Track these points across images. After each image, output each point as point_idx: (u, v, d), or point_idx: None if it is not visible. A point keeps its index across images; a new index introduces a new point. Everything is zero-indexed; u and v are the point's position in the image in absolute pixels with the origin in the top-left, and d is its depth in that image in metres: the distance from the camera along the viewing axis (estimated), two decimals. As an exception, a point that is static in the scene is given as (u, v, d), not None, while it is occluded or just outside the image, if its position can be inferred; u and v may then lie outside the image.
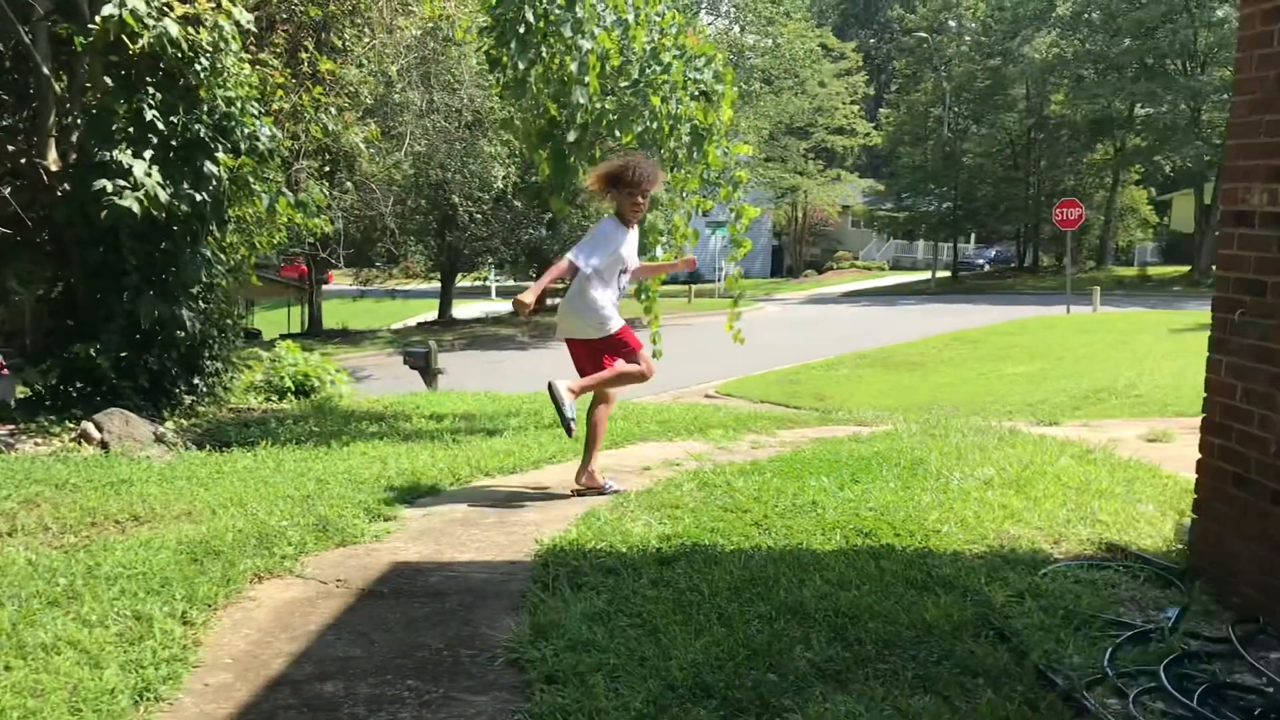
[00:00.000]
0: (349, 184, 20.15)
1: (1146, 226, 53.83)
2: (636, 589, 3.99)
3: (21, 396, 9.54)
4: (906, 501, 5.21)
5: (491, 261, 42.07)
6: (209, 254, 8.96)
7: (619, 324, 5.76)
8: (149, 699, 3.20)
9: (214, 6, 8.58)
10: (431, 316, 41.40)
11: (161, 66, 8.39)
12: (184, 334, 8.74)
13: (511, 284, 50.83)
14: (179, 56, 8.31)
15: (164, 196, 8.14)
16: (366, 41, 14.82)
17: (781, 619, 3.63)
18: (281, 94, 10.65)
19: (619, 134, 7.61)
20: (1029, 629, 3.53)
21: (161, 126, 8.31)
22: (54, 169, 9.05)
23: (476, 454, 6.82)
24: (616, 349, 5.78)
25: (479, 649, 3.61)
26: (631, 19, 7.68)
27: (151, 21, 8.13)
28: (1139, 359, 17.20)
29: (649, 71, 7.66)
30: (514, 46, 7.42)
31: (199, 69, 8.44)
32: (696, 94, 7.94)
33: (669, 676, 3.18)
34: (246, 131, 8.90)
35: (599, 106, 7.57)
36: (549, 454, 6.95)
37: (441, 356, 15.90)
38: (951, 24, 51.21)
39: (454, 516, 5.39)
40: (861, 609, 3.69)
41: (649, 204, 6.06)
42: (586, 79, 7.46)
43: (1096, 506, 5.09)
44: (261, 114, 9.25)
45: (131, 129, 8.26)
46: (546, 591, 4.04)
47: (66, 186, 8.73)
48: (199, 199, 8.48)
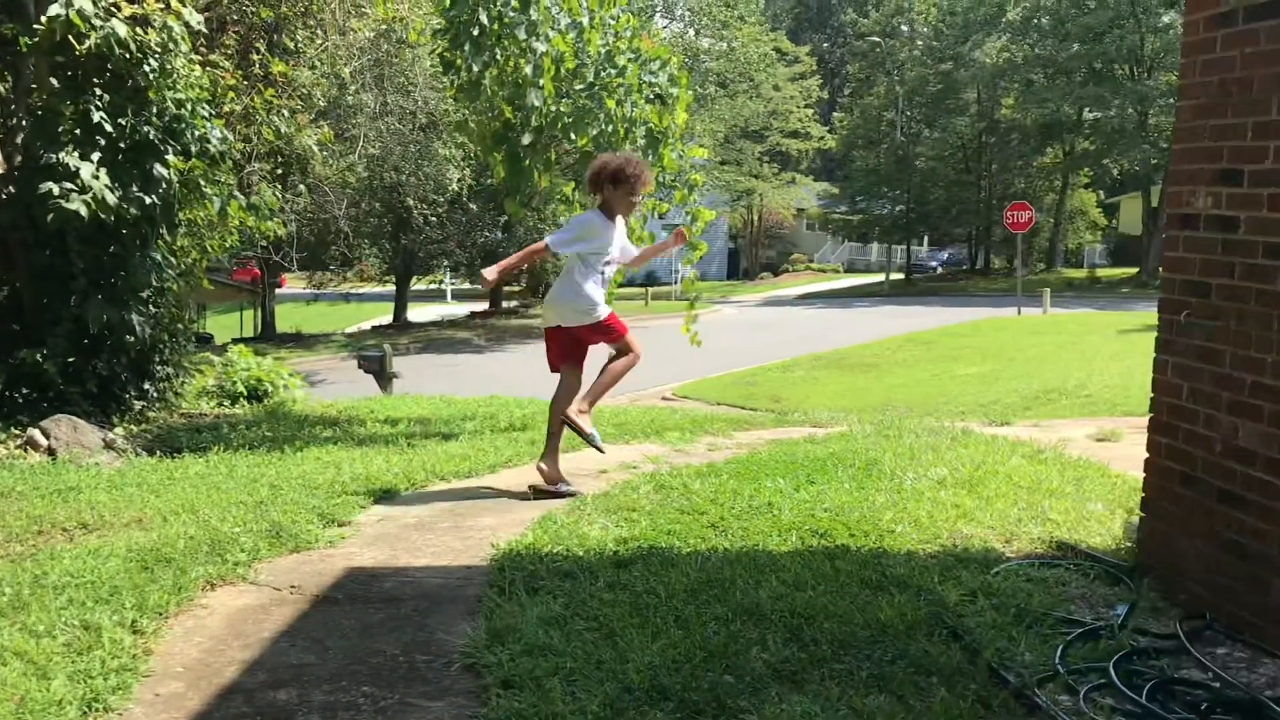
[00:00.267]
0: (302, 187, 19.97)
1: (1095, 229, 54.69)
2: (593, 592, 3.99)
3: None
4: (861, 502, 5.25)
5: (447, 264, 41.89)
6: (159, 257, 8.83)
7: (606, 310, 5.91)
8: (98, 710, 3.15)
9: (163, 7, 8.47)
10: (386, 320, 41.13)
11: (109, 68, 8.26)
12: (134, 339, 8.61)
13: (467, 287, 50.63)
14: (127, 58, 8.19)
15: (112, 199, 8.02)
16: (319, 43, 14.71)
17: (738, 620, 3.64)
18: (233, 96, 10.52)
19: (574, 137, 7.60)
20: (981, 627, 3.57)
21: (109, 128, 8.18)
22: (-1, 171, 8.90)
23: (432, 458, 6.79)
24: (605, 334, 5.91)
25: (435, 654, 3.59)
26: (586, 22, 7.68)
27: (99, 22, 8.00)
28: (1088, 360, 17.45)
29: (604, 75, 7.67)
30: (468, 49, 7.39)
31: (148, 70, 8.33)
32: (651, 97, 7.96)
33: (626, 679, 3.18)
34: (197, 134, 8.79)
35: (554, 109, 7.57)
36: (505, 458, 6.93)
37: (396, 360, 15.81)
38: (904, 29, 51.68)
39: (409, 521, 5.36)
40: (817, 609, 3.71)
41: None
42: (541, 82, 7.44)
43: (1047, 505, 5.15)
44: (212, 116, 9.14)
45: (79, 131, 8.13)
46: (502, 596, 4.03)
47: (12, 189, 8.57)
48: (149, 202, 8.36)
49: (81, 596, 3.95)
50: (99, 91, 8.22)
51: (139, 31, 8.27)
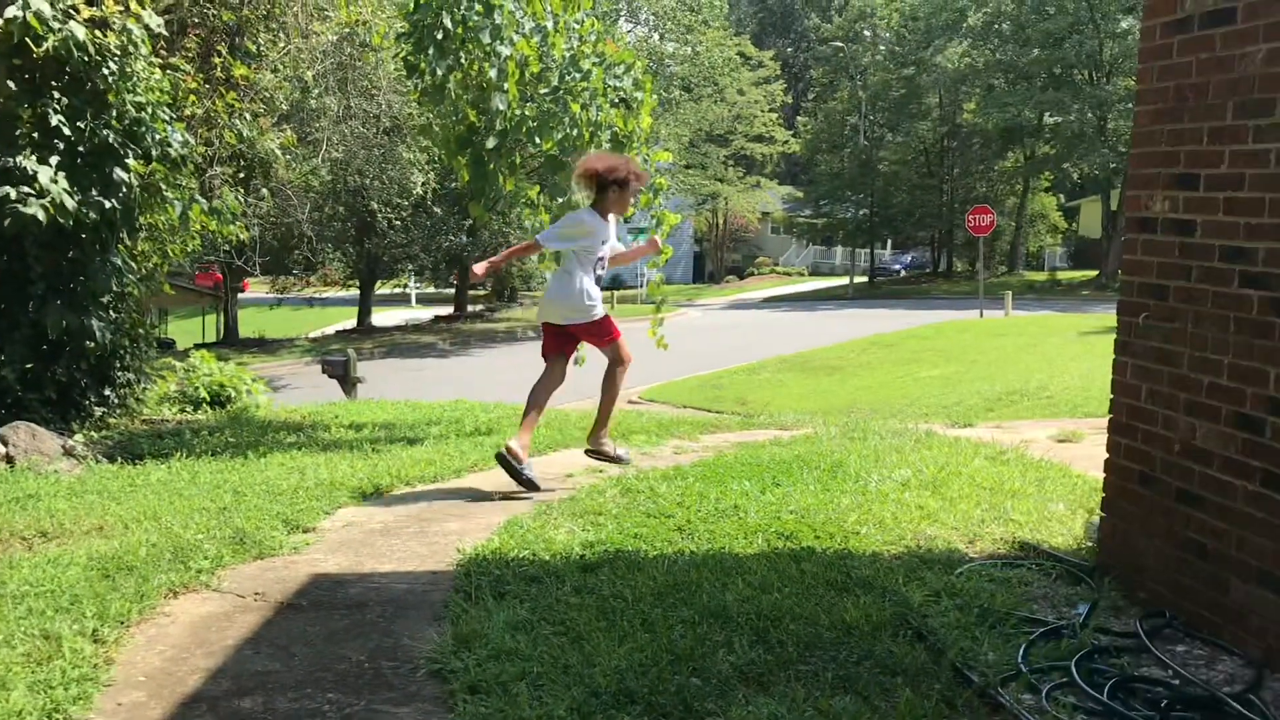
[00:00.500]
0: (265, 191, 19.79)
1: (1056, 232, 55.33)
2: (560, 597, 3.98)
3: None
4: (826, 504, 5.28)
5: (411, 268, 41.73)
6: (119, 262, 8.74)
7: (603, 311, 6.15)
8: (59, 720, 3.12)
9: (122, 10, 8.38)
10: (351, 324, 40.91)
11: (68, 70, 8.16)
12: (94, 344, 8.51)
13: (432, 291, 50.45)
14: (86, 60, 8.10)
15: (71, 204, 7.92)
16: (282, 46, 14.60)
17: (704, 623, 3.65)
18: (194, 99, 10.44)
19: (539, 141, 7.59)
20: (946, 628, 3.60)
21: (68, 132, 8.09)
22: (-45, 175, 8.76)
23: (397, 463, 6.76)
24: (599, 334, 6.15)
25: (401, 660, 3.57)
26: (550, 26, 7.68)
27: (57, 25, 7.91)
28: (1049, 361, 17.63)
29: (568, 78, 7.67)
30: (432, 53, 7.37)
31: (107, 73, 8.23)
32: (616, 101, 7.97)
33: (593, 683, 3.18)
34: (158, 137, 8.71)
35: (518, 113, 7.55)
36: (470, 462, 6.90)
37: (361, 365, 15.74)
38: (866, 34, 52.05)
39: (374, 527, 5.33)
40: (783, 611, 3.73)
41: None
42: (506, 86, 7.43)
43: (1010, 506, 5.20)
44: (173, 119, 9.06)
45: (36, 134, 8.03)
46: (469, 601, 4.02)
47: (-33, 194, 8.46)
48: (108, 206, 8.27)
49: (41, 606, 3.90)
50: (57, 94, 8.12)
51: (98, 34, 8.18)
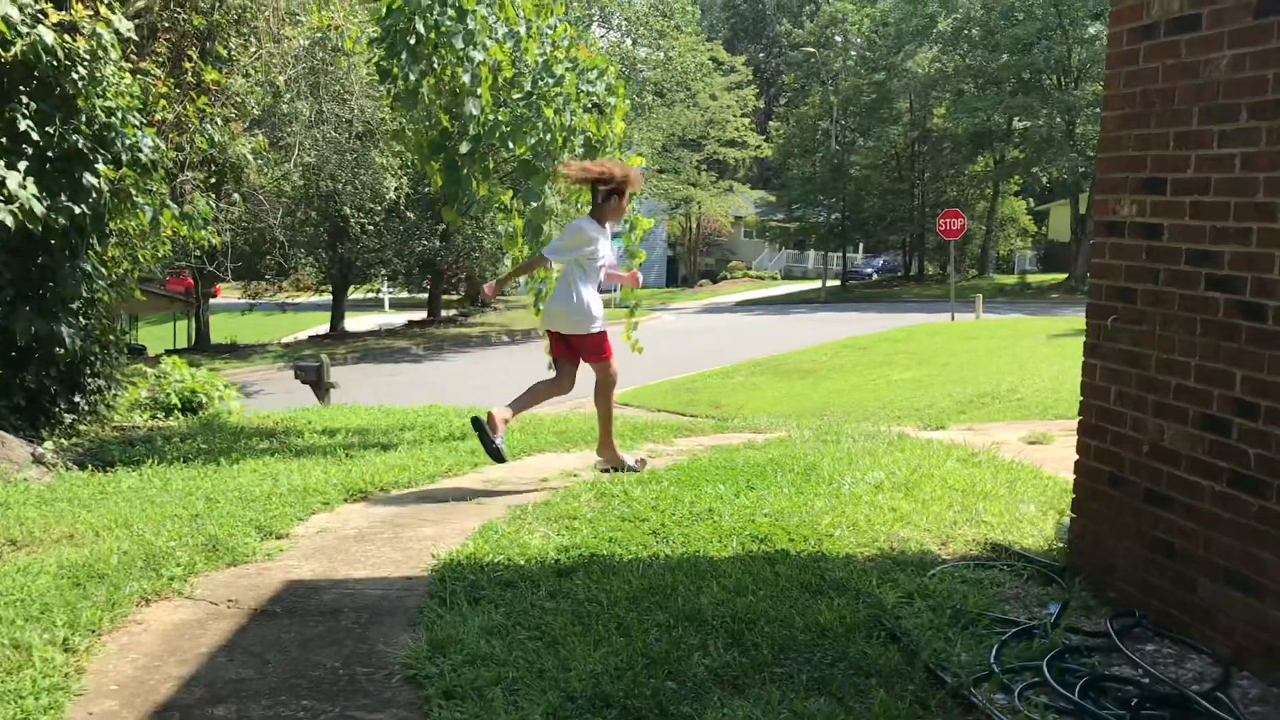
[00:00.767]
0: (236, 196, 19.70)
1: (1026, 236, 55.77)
2: (535, 601, 3.99)
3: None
4: (800, 507, 5.30)
5: (384, 273, 41.53)
6: (89, 268, 8.67)
7: (601, 327, 6.32)
8: (30, 730, 3.09)
9: (92, 14, 8.32)
10: (323, 329, 40.66)
11: (36, 75, 8.09)
12: (63, 351, 8.44)
13: (405, 296, 50.23)
14: (55, 65, 8.03)
15: (40, 209, 7.85)
16: (253, 51, 14.52)
17: (680, 627, 3.66)
18: (165, 104, 10.36)
19: (512, 145, 7.59)
20: (919, 629, 3.62)
21: (37, 137, 8.02)
22: (-79, 181, 8.67)
23: (370, 469, 6.73)
24: (591, 351, 6.30)
25: (375, 666, 3.56)
26: (523, 31, 7.69)
27: (25, 29, 7.84)
28: (1020, 364, 17.78)
29: (541, 83, 7.67)
30: (405, 58, 7.36)
31: (76, 78, 8.17)
32: (589, 106, 7.98)
33: (568, 688, 3.18)
34: (128, 142, 8.64)
35: (492, 118, 7.56)
36: (445, 467, 6.89)
37: (334, 370, 15.66)
38: (838, 39, 52.22)
39: (348, 533, 5.31)
40: (758, 614, 3.74)
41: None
42: (479, 91, 7.43)
43: (981, 508, 5.24)
44: (143, 124, 8.99)
45: (4, 140, 7.95)
46: (444, 606, 4.01)
47: (-66, 199, 8.37)
48: (78, 211, 8.20)
49: (10, 615, 3.86)
50: (26, 99, 8.05)
51: (67, 38, 8.12)
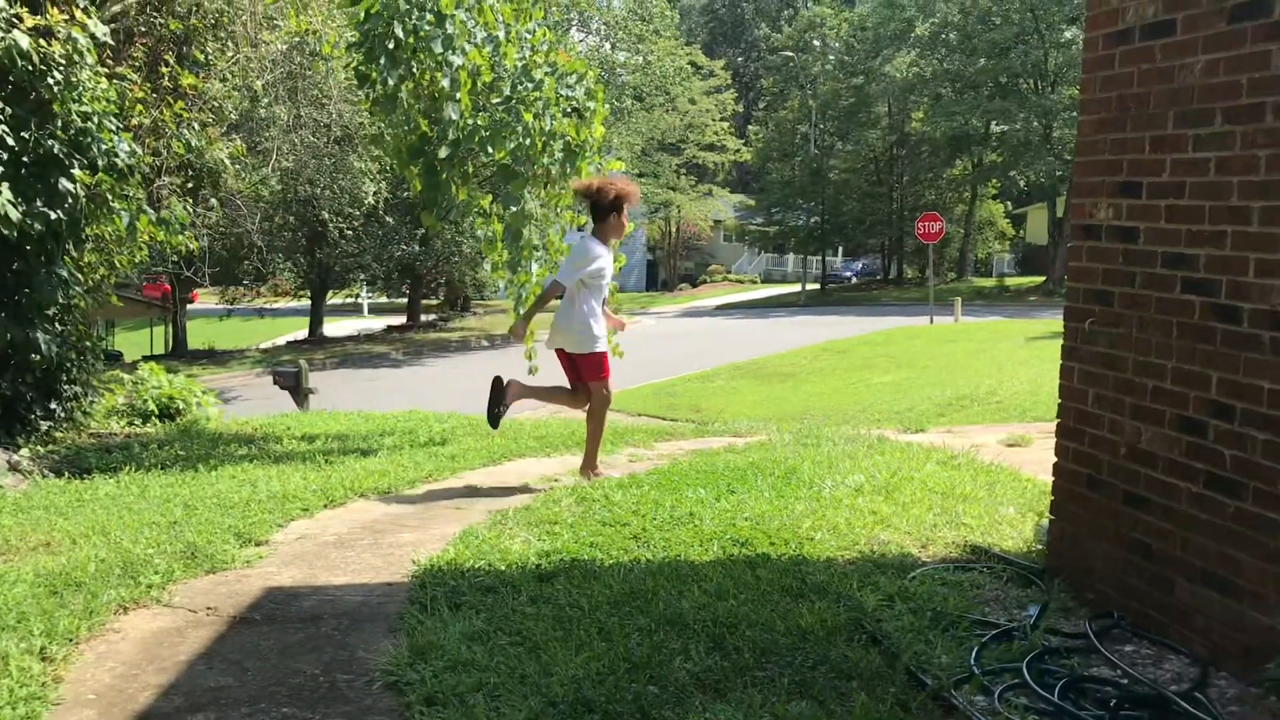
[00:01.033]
0: (214, 201, 19.55)
1: (1004, 239, 56.00)
2: (516, 607, 3.98)
3: None
4: (781, 510, 5.31)
5: (363, 278, 41.45)
6: (66, 274, 8.60)
7: (602, 347, 6.53)
8: (7, 740, 3.07)
9: (67, 19, 8.26)
10: (302, 335, 40.53)
11: (11, 80, 8.03)
12: (39, 357, 8.37)
13: (384, 301, 50.08)
14: (30, 70, 7.97)
15: (15, 214, 7.78)
16: (230, 56, 14.44)
17: (661, 631, 3.66)
18: (141, 109, 10.29)
19: (491, 150, 7.58)
20: (899, 631, 3.64)
21: (12, 142, 7.95)
22: (-106, 186, 8.59)
23: (350, 475, 6.71)
24: (590, 369, 6.49)
25: (356, 673, 3.55)
26: (502, 36, 7.68)
27: (0, 34, 7.79)
28: (999, 366, 17.86)
29: (521, 88, 7.66)
30: (383, 62, 7.33)
31: (52, 83, 8.11)
32: (569, 110, 7.97)
33: (550, 693, 3.18)
34: (104, 147, 8.58)
35: (471, 123, 7.54)
36: (425, 473, 6.87)
37: (313, 376, 15.59)
38: (816, 43, 52.41)
39: (328, 539, 5.29)
40: (739, 618, 3.75)
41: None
42: (458, 95, 7.42)
43: (961, 510, 5.26)
44: (120, 129, 8.92)
45: (-22, 145, 7.90)
46: (424, 612, 4.00)
47: (-92, 205, 8.29)
48: (54, 217, 8.14)
49: (-13, 624, 3.84)
50: (0, 104, 8.00)
51: (42, 43, 8.06)
